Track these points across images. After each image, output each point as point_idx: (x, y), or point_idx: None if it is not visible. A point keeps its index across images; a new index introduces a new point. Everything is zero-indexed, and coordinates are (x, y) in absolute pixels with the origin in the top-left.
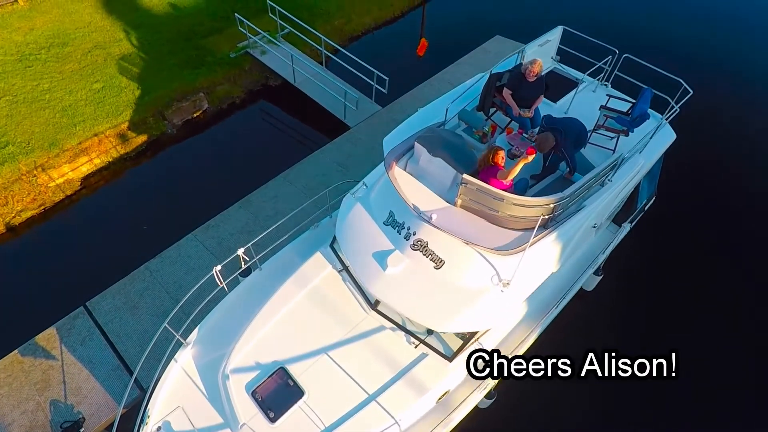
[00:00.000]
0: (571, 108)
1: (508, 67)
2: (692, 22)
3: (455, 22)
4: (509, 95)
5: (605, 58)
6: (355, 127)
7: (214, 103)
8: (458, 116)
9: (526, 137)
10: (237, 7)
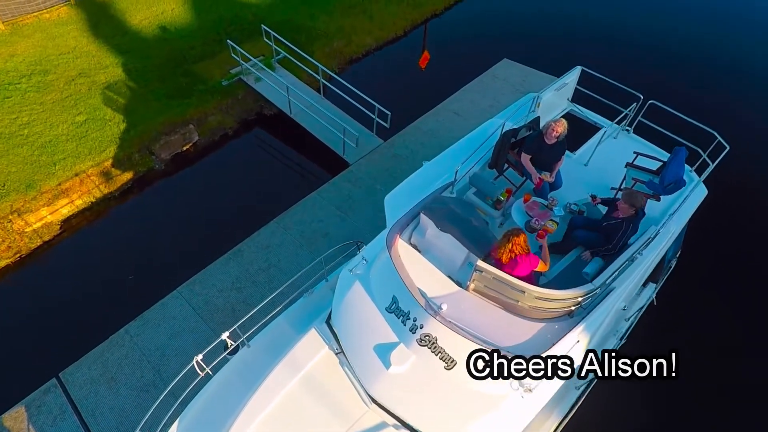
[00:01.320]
0: (592, 159)
1: (522, 114)
2: (724, 66)
3: (460, 43)
4: (528, 160)
5: (625, 101)
6: (355, 164)
7: (205, 134)
8: (469, 180)
9: (545, 205)
10: (231, 29)
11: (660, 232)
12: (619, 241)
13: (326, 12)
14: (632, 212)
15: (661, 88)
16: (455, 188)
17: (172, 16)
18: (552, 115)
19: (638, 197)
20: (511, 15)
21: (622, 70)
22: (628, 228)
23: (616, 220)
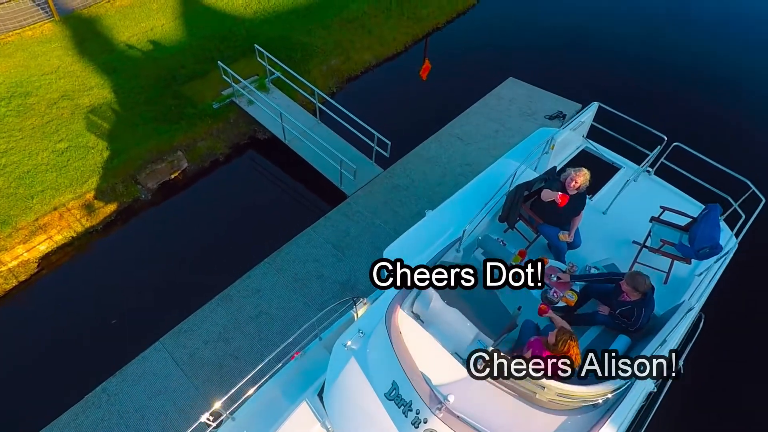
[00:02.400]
0: (613, 207)
1: (536, 156)
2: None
3: (464, 58)
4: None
5: (644, 138)
6: (353, 195)
7: (195, 160)
8: (477, 242)
9: (564, 270)
10: (223, 46)
11: (694, 307)
12: (637, 321)
13: (323, 26)
14: (639, 296)
15: (686, 126)
16: (462, 246)
17: (162, 32)
18: (565, 154)
19: (642, 281)
20: (515, 27)
21: (640, 98)
22: (641, 313)
23: (626, 305)
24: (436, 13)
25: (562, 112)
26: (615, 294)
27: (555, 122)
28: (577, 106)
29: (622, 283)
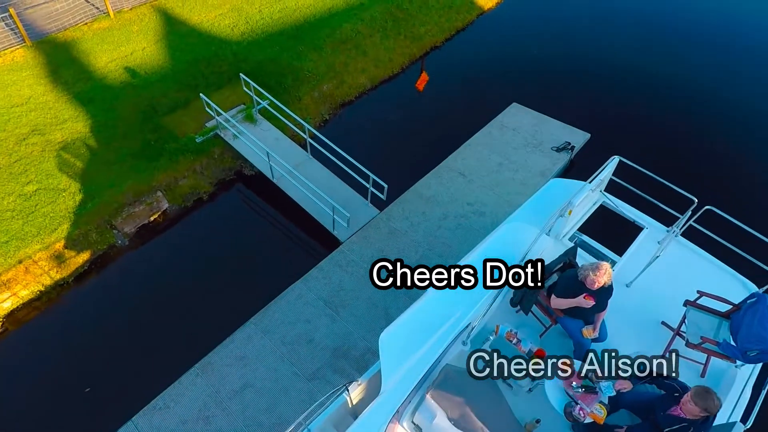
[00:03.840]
0: (639, 280)
1: (548, 211)
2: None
3: (463, 77)
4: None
5: (668, 193)
6: (347, 242)
7: (176, 200)
8: (488, 342)
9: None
10: (208, 71)
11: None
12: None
13: (315, 48)
14: (702, 416)
15: (718, 183)
16: (470, 338)
17: (143, 57)
18: (581, 212)
19: (714, 403)
20: (518, 47)
21: (653, 130)
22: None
23: (678, 422)
24: (434, 31)
25: (570, 143)
26: (663, 405)
27: (563, 154)
28: (585, 136)
29: (686, 398)
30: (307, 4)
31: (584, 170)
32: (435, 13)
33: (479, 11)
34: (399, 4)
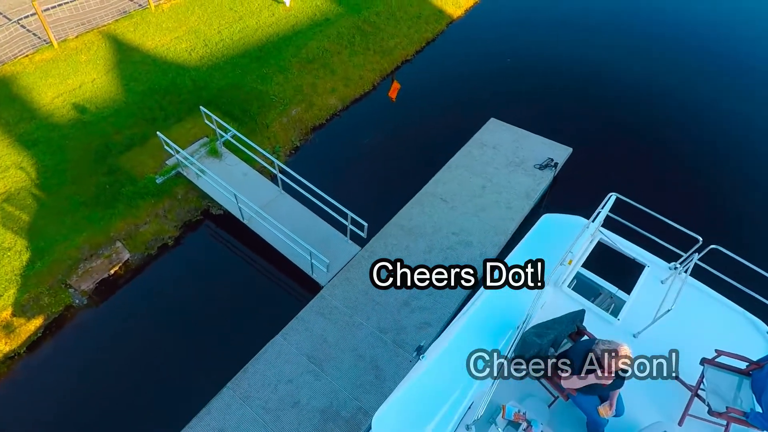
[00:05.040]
0: (649, 330)
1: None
2: None
3: (438, 96)
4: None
5: (666, 227)
6: (328, 285)
7: (139, 248)
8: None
9: None
10: (166, 102)
11: None
12: None
13: (280, 69)
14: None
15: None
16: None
17: (93, 89)
18: (580, 254)
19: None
20: (491, 56)
21: (629, 138)
22: None
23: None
24: (404, 44)
25: (553, 160)
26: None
27: (546, 172)
28: (567, 150)
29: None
30: (269, 23)
31: (570, 188)
32: (404, 24)
33: (449, 20)
34: (366, 17)
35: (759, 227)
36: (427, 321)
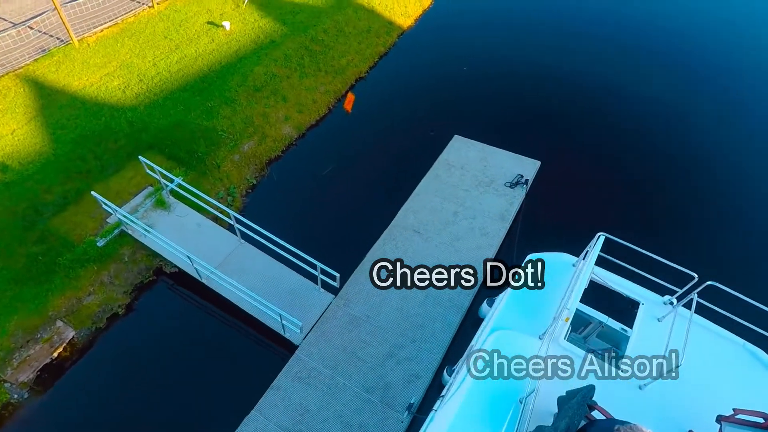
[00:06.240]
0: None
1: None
2: None
3: (398, 115)
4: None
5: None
6: (304, 343)
7: (84, 323)
8: None
9: None
10: (101, 150)
11: None
12: None
13: (227, 101)
14: None
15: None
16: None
17: (14, 143)
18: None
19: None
20: (445, 67)
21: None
22: None
23: None
24: (356, 61)
25: (523, 177)
26: None
27: (518, 190)
28: (536, 164)
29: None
30: (209, 50)
31: (543, 204)
32: (353, 40)
33: (399, 31)
34: (313, 35)
35: (726, 232)
36: (415, 373)
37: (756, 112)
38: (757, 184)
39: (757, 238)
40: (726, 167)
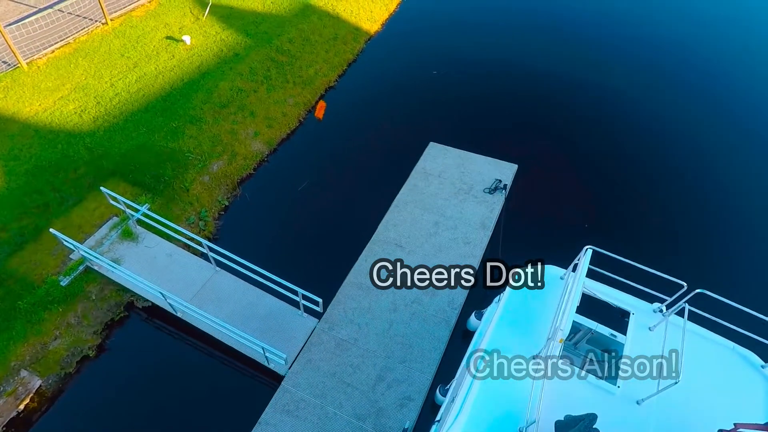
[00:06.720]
0: (650, 403)
1: None
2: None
3: (372, 123)
4: None
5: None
6: (290, 373)
7: (52, 369)
8: None
9: None
10: (58, 181)
11: None
12: None
13: (192, 120)
14: None
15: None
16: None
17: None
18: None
19: None
20: (415, 67)
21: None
22: None
23: None
24: (324, 70)
25: (501, 182)
26: None
27: (497, 195)
28: (513, 167)
29: None
30: (170, 66)
31: (523, 208)
32: (320, 48)
33: (366, 36)
34: (278, 46)
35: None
36: (407, 395)
37: (742, 119)
38: (740, 187)
39: (737, 239)
40: (701, 168)
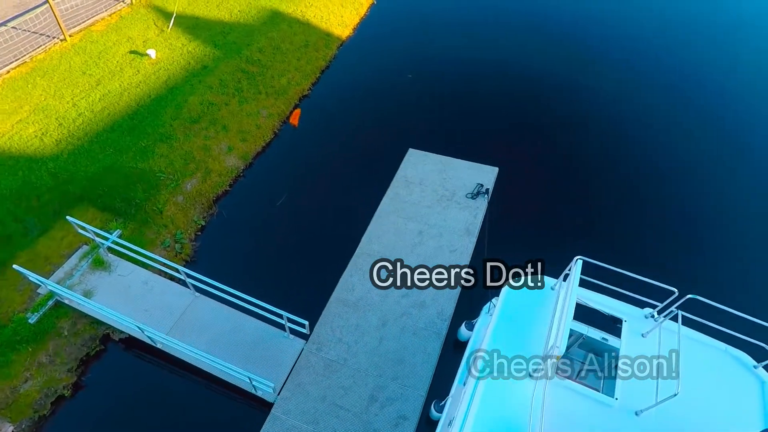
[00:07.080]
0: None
1: None
2: None
3: (349, 131)
4: None
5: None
6: (279, 399)
7: (25, 413)
8: None
9: None
10: (21, 210)
11: None
12: None
13: (162, 138)
14: None
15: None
16: None
17: None
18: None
19: None
20: (389, 71)
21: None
22: None
23: None
24: (297, 78)
25: (483, 186)
26: None
27: (480, 200)
28: (494, 170)
29: None
30: (135, 83)
31: (506, 212)
32: (292, 56)
33: (338, 42)
34: (248, 56)
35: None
36: (401, 414)
37: (730, 125)
38: (726, 190)
39: (723, 243)
40: (686, 171)
